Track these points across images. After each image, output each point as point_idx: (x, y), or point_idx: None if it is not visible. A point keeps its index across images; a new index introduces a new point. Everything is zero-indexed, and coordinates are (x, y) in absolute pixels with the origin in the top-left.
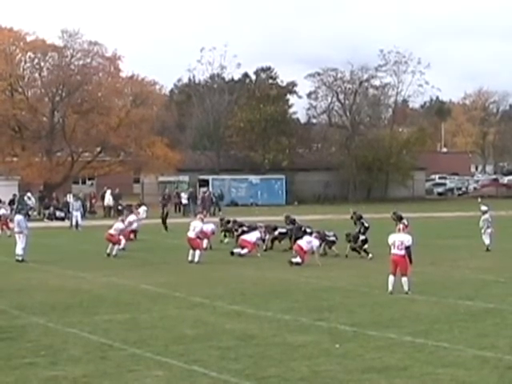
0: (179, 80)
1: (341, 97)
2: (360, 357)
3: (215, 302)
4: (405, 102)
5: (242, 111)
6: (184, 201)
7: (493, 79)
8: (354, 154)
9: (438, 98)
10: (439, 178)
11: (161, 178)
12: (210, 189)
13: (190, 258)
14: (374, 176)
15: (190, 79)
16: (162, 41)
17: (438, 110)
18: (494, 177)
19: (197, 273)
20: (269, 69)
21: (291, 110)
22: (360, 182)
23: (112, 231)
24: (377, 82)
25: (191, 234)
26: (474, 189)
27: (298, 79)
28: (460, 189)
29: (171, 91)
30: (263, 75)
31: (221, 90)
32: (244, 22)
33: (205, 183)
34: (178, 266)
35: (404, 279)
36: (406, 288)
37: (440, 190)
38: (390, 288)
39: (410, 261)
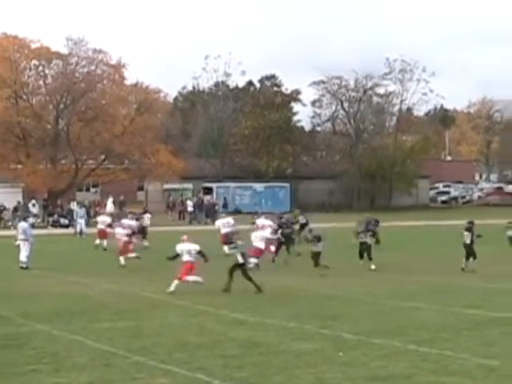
0: (184, 87)
1: (345, 105)
2: (364, 365)
3: (219, 310)
4: (409, 110)
5: (247, 119)
6: (190, 208)
7: (497, 88)
8: (358, 162)
9: (442, 106)
10: (443, 186)
11: (165, 186)
12: (214, 196)
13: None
14: (378, 184)
15: (193, 87)
16: (166, 48)
17: (443, 118)
18: (498, 185)
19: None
20: (273, 76)
21: (295, 118)
22: (364, 190)
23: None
24: (381, 90)
25: (224, 231)
26: (479, 197)
27: (303, 87)
28: (464, 197)
29: (175, 99)
30: (268, 83)
31: (225, 98)
32: (249, 30)
33: (209, 191)
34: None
35: (176, 282)
36: (172, 288)
37: (444, 198)
38: (172, 289)
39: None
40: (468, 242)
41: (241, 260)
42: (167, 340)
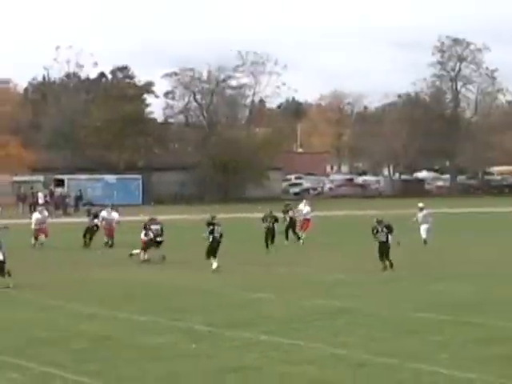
0: (34, 78)
1: (198, 97)
2: (216, 357)
3: (69, 304)
4: (262, 102)
5: (99, 110)
6: (41, 201)
7: (348, 81)
8: (211, 154)
9: (293, 98)
10: (295, 178)
11: (15, 178)
12: (66, 189)
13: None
14: (231, 176)
15: (44, 78)
16: (16, 38)
17: (295, 110)
18: (348, 177)
19: (53, 274)
20: (125, 68)
21: (148, 110)
22: (217, 181)
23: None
24: (234, 83)
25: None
26: (330, 189)
27: (156, 79)
28: (316, 189)
29: (26, 90)
30: (120, 74)
31: (77, 89)
32: (101, 21)
33: (60, 183)
34: (28, 268)
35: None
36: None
37: (296, 189)
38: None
39: None
40: None
41: (1, 257)
42: (17, 335)
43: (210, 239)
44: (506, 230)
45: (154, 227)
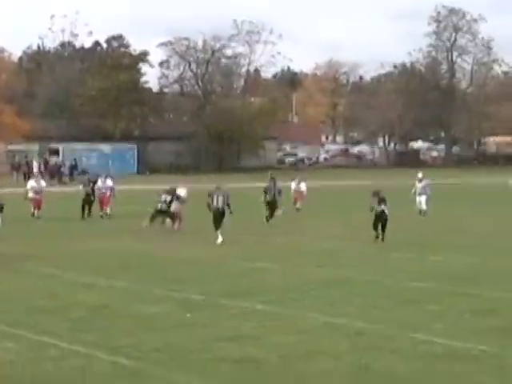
0: (29, 47)
1: (193, 66)
2: (212, 326)
3: (67, 273)
4: (257, 71)
5: (94, 79)
6: (35, 169)
7: (344, 50)
8: (206, 124)
9: (289, 68)
10: (291, 147)
11: (9, 147)
12: (60, 158)
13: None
14: (226, 146)
15: (39, 47)
16: (10, 7)
17: (290, 80)
18: (344, 147)
19: (50, 244)
20: (120, 37)
21: (143, 79)
22: (212, 151)
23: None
24: (229, 52)
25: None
26: (325, 159)
27: (151, 49)
28: (311, 159)
29: (20, 59)
30: (115, 44)
31: (72, 58)
32: None
33: (55, 152)
34: (24, 237)
35: None
36: None
37: (291, 159)
38: None
39: None
40: None
41: None
42: (14, 304)
43: (212, 209)
44: (501, 200)
45: (162, 196)
